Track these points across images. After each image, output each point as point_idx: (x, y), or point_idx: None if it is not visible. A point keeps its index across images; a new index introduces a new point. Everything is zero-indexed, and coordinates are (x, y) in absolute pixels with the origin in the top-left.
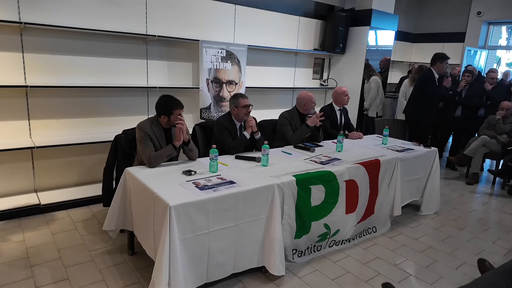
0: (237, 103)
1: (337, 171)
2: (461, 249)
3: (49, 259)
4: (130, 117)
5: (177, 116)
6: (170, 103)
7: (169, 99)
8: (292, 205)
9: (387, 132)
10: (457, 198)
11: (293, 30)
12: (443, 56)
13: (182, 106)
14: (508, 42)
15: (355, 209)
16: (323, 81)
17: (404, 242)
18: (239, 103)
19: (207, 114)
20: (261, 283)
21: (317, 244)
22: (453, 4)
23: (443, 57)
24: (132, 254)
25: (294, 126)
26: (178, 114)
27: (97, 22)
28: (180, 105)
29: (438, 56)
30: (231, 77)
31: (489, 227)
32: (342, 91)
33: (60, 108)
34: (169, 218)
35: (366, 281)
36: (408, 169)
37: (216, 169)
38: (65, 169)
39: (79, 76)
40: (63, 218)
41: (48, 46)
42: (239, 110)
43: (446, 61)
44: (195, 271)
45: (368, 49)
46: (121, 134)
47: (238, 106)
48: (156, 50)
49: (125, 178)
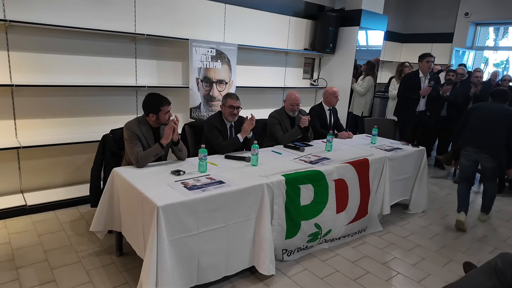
0: (224, 102)
1: (326, 171)
2: (448, 247)
3: (35, 260)
4: (118, 116)
5: (167, 113)
6: (157, 100)
7: (155, 97)
8: (281, 204)
9: (376, 131)
10: (445, 197)
11: (283, 30)
12: (423, 55)
13: (169, 102)
14: (495, 43)
15: (345, 208)
16: (313, 81)
17: (392, 241)
18: (226, 102)
19: (197, 113)
20: (251, 283)
21: (308, 244)
22: (441, 5)
23: (423, 56)
24: (121, 255)
25: (284, 126)
26: (166, 111)
27: (84, 20)
28: (167, 102)
29: (419, 56)
30: (221, 76)
31: (475, 225)
32: (333, 92)
33: (46, 108)
34: (157, 219)
35: (355, 280)
36: (396, 168)
37: (205, 169)
38: (52, 170)
39: (66, 75)
40: (50, 219)
41: (35, 45)
42: (224, 109)
43: (427, 59)
44: (185, 273)
45: (358, 49)
46: (109, 134)
47: (225, 105)
48: (145, 48)
49: (113, 178)
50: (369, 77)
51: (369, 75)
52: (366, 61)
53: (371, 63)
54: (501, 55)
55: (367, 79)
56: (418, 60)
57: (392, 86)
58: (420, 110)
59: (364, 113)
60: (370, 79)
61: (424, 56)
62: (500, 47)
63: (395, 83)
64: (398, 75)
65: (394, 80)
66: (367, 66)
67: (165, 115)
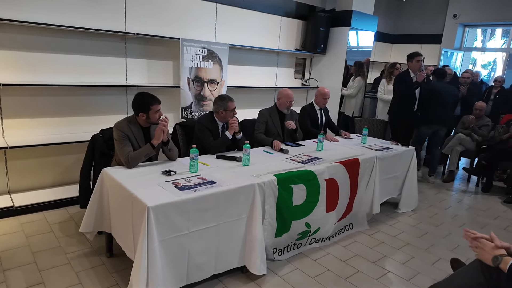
0: (226, 107)
1: (318, 170)
2: (437, 246)
3: (23, 262)
4: (108, 116)
5: (157, 112)
6: (146, 99)
7: (145, 96)
8: (273, 204)
9: (366, 131)
10: (434, 196)
11: (275, 30)
12: (412, 55)
13: (159, 101)
14: (483, 44)
15: (336, 207)
16: (304, 81)
17: (382, 239)
18: (228, 106)
19: (188, 113)
20: (242, 283)
21: (297, 242)
22: (430, 6)
23: (412, 55)
24: (111, 256)
25: (272, 123)
26: (156, 110)
27: (74, 18)
28: (157, 101)
29: (408, 55)
30: (213, 76)
31: (464, 224)
32: (323, 93)
33: (34, 107)
34: (148, 219)
35: (346, 279)
36: (386, 167)
37: (196, 169)
38: (40, 170)
39: (55, 74)
40: (38, 220)
41: (23, 43)
42: (227, 114)
43: (417, 58)
44: (175, 273)
45: (348, 50)
46: (98, 134)
47: (227, 109)
48: (135, 48)
49: (102, 179)
50: (359, 77)
51: (359, 75)
52: (354, 62)
53: (359, 63)
54: (489, 56)
55: (357, 79)
56: (407, 60)
57: (382, 87)
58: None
59: (355, 113)
60: (359, 80)
61: (414, 56)
62: (487, 48)
63: (385, 84)
64: (389, 76)
65: (384, 81)
66: (355, 66)
67: (155, 114)
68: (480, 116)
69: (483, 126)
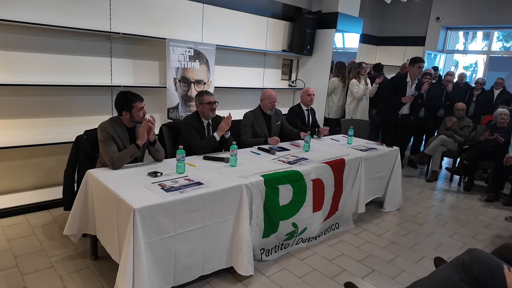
0: (201, 100)
1: (304, 171)
2: (420, 244)
3: (5, 267)
4: (93, 117)
5: (141, 110)
6: (128, 97)
7: (127, 94)
8: (260, 205)
9: (352, 132)
10: (418, 195)
11: (261, 31)
12: (415, 59)
13: (141, 98)
14: (464, 47)
15: (322, 207)
16: (291, 82)
17: (368, 239)
18: (203, 99)
19: (174, 114)
20: (229, 284)
21: (284, 243)
22: (414, 9)
23: (415, 60)
24: (96, 259)
25: (258, 126)
26: (139, 108)
27: (58, 17)
28: (139, 98)
29: (411, 59)
30: (200, 76)
31: (446, 222)
32: (306, 90)
33: (17, 108)
34: (133, 221)
35: (332, 278)
36: (371, 167)
37: (183, 170)
38: (22, 172)
39: (38, 74)
40: (20, 223)
41: (4, 42)
42: (203, 107)
43: (419, 64)
44: (162, 275)
45: (334, 51)
46: (82, 135)
47: (203, 102)
48: (120, 47)
49: (87, 181)
50: (333, 78)
51: (337, 76)
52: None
53: (340, 63)
54: (470, 58)
55: (330, 80)
56: (408, 63)
57: (355, 87)
58: (404, 113)
59: (336, 115)
60: (333, 81)
61: (417, 61)
62: (469, 50)
63: (357, 83)
64: (357, 75)
65: (354, 81)
66: (336, 67)
67: (139, 112)
68: (462, 117)
69: (465, 127)
